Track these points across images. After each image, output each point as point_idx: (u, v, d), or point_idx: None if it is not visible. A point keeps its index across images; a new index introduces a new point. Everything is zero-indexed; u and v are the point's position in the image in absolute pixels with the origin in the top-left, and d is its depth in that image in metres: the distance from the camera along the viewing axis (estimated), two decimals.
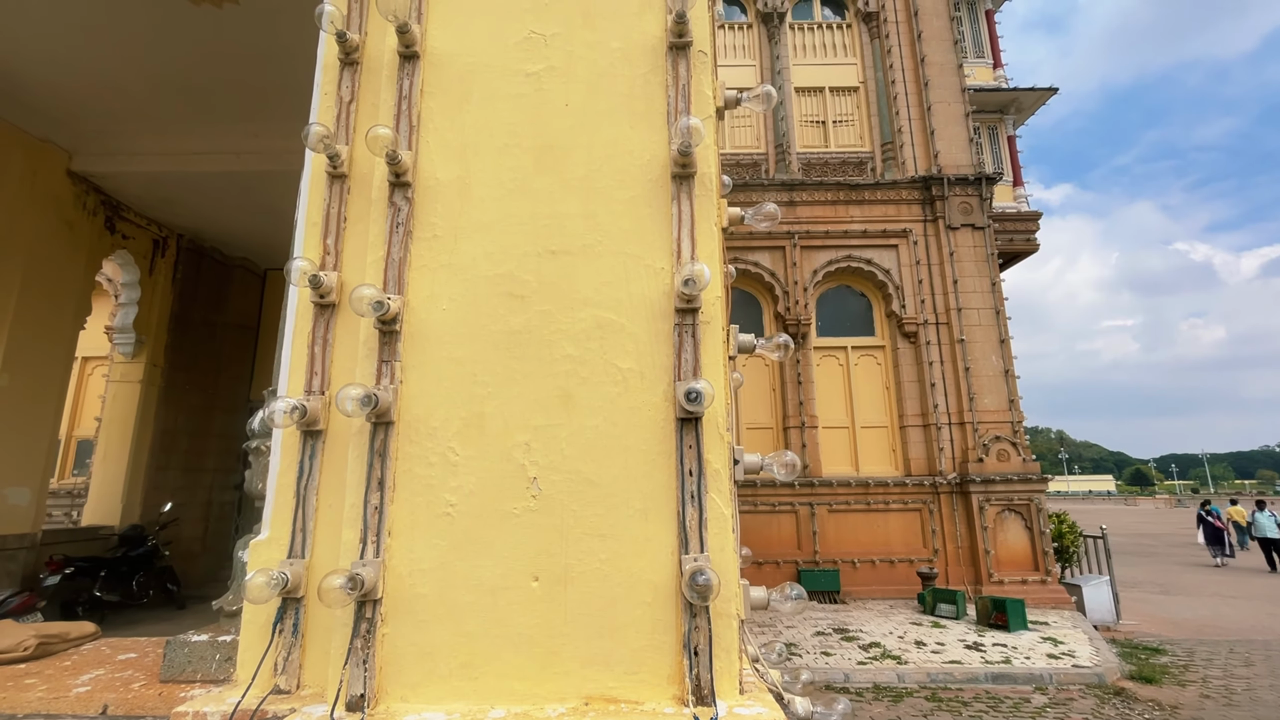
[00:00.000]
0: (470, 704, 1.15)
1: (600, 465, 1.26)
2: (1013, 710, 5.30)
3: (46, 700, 1.29)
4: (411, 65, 1.45)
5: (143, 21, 5.40)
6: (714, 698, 1.16)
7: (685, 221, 1.38)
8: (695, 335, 1.31)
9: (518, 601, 1.20)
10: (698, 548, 1.21)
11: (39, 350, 7.31)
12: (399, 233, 1.35)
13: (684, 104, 1.44)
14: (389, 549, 1.21)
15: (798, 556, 9.66)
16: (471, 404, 1.28)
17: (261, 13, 5.19)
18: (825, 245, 10.77)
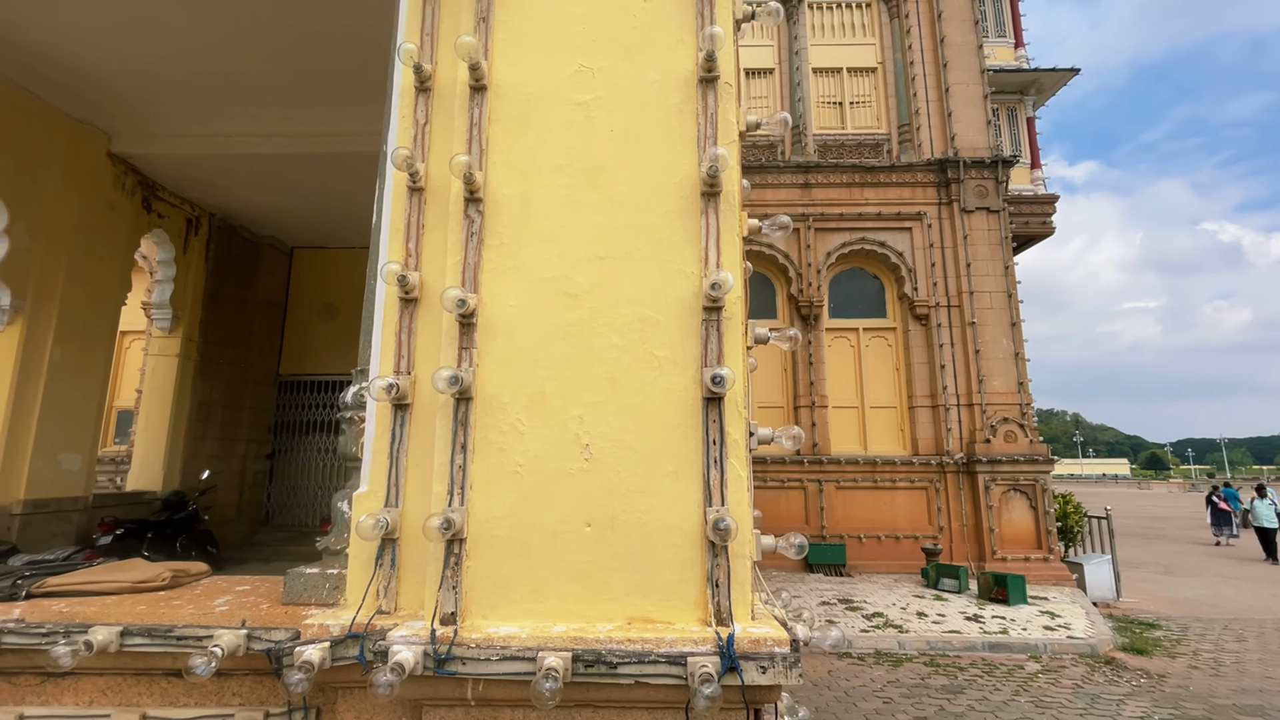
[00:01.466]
0: (538, 622, 1.44)
1: (640, 435, 1.54)
2: (1006, 676, 5.61)
3: (196, 616, 1.61)
4: (480, 96, 1.70)
5: (179, 8, 5.61)
6: (731, 620, 1.44)
7: (712, 233, 1.63)
8: (720, 329, 1.57)
9: (574, 543, 1.49)
10: (719, 501, 1.49)
11: (86, 325, 7.70)
12: (473, 241, 1.62)
13: (712, 130, 1.68)
14: (470, 499, 1.50)
15: (805, 531, 9.96)
16: (534, 384, 1.56)
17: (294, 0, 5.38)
18: (840, 228, 10.88)
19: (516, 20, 1.75)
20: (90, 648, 1.49)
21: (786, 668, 1.35)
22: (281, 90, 6.80)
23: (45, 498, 7.21)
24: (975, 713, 4.76)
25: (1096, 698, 5.12)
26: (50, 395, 7.29)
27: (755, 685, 1.35)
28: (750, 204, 10.87)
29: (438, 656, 1.34)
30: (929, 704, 4.90)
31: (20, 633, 1.55)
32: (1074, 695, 5.17)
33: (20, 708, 1.60)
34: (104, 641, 1.51)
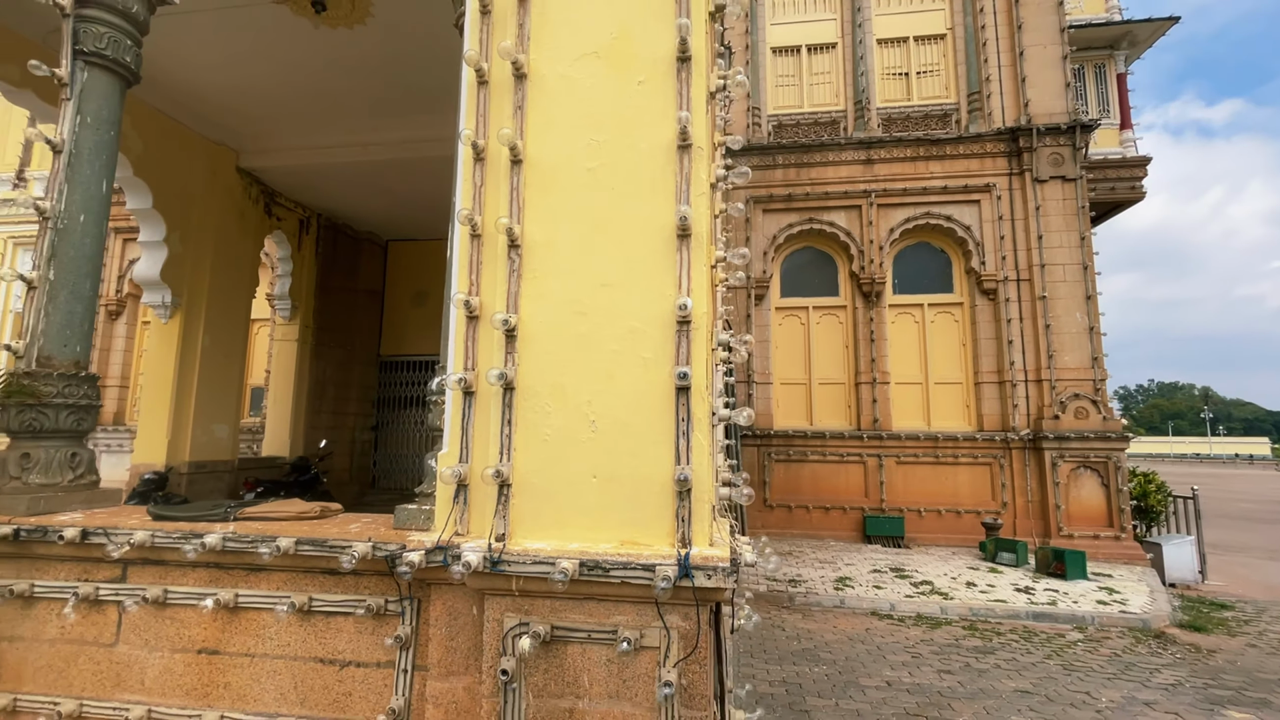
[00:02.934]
0: (559, 542, 2.10)
1: (631, 414, 2.14)
2: (1043, 642, 5.84)
3: (340, 534, 2.39)
4: (518, 168, 2.32)
5: (290, 45, 6.62)
6: (691, 544, 2.04)
7: (685, 265, 2.17)
8: (689, 337, 2.13)
9: (584, 489, 2.12)
10: (685, 462, 2.07)
11: (227, 316, 9.14)
12: (514, 276, 2.25)
13: (685, 187, 2.21)
14: (514, 458, 2.16)
15: (864, 504, 10.26)
16: (556, 378, 2.19)
17: (382, 30, 6.22)
18: (903, 203, 10.81)
19: (543, 107, 2.35)
20: (278, 550, 2.30)
21: (724, 576, 1.94)
22: (374, 106, 7.76)
23: (203, 460, 8.74)
24: (1000, 670, 5.10)
25: (1131, 665, 5.30)
26: (203, 375, 8.77)
27: (703, 587, 1.94)
28: (811, 183, 11.02)
29: (492, 560, 2.03)
30: (956, 661, 5.27)
31: (234, 539, 2.39)
32: (1108, 662, 5.37)
33: (235, 589, 2.45)
34: (286, 546, 2.32)
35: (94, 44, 3.08)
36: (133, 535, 2.42)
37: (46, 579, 2.58)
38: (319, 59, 6.87)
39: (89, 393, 2.98)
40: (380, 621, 2.36)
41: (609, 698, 2.02)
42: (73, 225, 2.98)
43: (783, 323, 11.27)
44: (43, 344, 2.88)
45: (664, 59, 2.29)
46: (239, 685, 2.42)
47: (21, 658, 2.57)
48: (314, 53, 6.76)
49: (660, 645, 2.00)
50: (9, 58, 6.60)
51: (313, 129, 8.69)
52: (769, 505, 10.47)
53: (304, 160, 9.21)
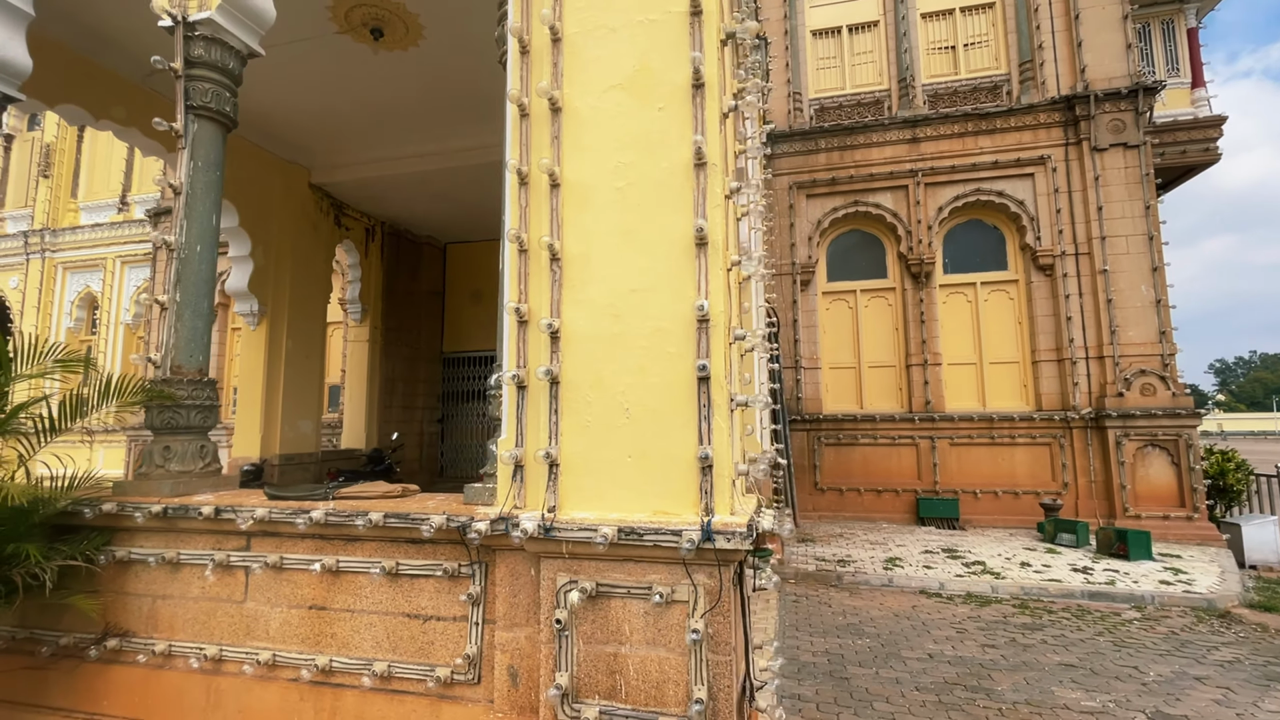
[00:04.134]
0: (601, 512, 2.45)
1: (660, 402, 2.46)
2: (1096, 621, 5.83)
3: (419, 509, 2.84)
4: (556, 190, 2.66)
5: (353, 69, 7.21)
6: (713, 513, 2.35)
7: (703, 270, 2.47)
8: (708, 335, 2.43)
9: (621, 467, 2.47)
10: (707, 443, 2.37)
11: (307, 321, 9.97)
12: (556, 285, 2.61)
13: (702, 200, 2.50)
14: (561, 442, 2.53)
15: (917, 486, 10.24)
16: (595, 373, 2.54)
17: (434, 50, 6.70)
18: (952, 180, 10.61)
19: (576, 136, 2.69)
20: (370, 522, 2.76)
21: (741, 539, 2.24)
22: (430, 119, 8.31)
23: (291, 453, 9.62)
24: (1046, 645, 5.17)
25: (1187, 643, 5.25)
26: (288, 376, 9.63)
27: (722, 549, 2.26)
28: (855, 165, 10.96)
29: (544, 527, 2.41)
30: (1001, 636, 5.37)
31: (335, 514, 2.87)
32: (1163, 639, 5.34)
33: (336, 556, 2.93)
34: (376, 519, 2.77)
35: (201, 99, 3.62)
36: (255, 511, 2.94)
37: (189, 549, 3.14)
38: (379, 80, 7.44)
39: (210, 395, 3.55)
40: (455, 582, 2.79)
41: (646, 644, 2.37)
42: (191, 255, 3.54)
43: (830, 307, 11.29)
44: (174, 355, 3.45)
45: (680, 87, 2.58)
46: (343, 635, 2.91)
47: (173, 612, 3.15)
48: (374, 75, 7.33)
49: (689, 600, 2.33)
50: (116, 100, 7.47)
51: (376, 144, 9.35)
52: (819, 488, 10.60)
53: (368, 173, 9.90)
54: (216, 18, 3.60)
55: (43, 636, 3.26)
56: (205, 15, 3.58)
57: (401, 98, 7.79)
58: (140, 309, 15.04)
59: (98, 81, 6.62)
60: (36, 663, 3.23)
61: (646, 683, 2.36)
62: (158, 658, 3.10)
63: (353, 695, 2.83)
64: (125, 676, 3.14)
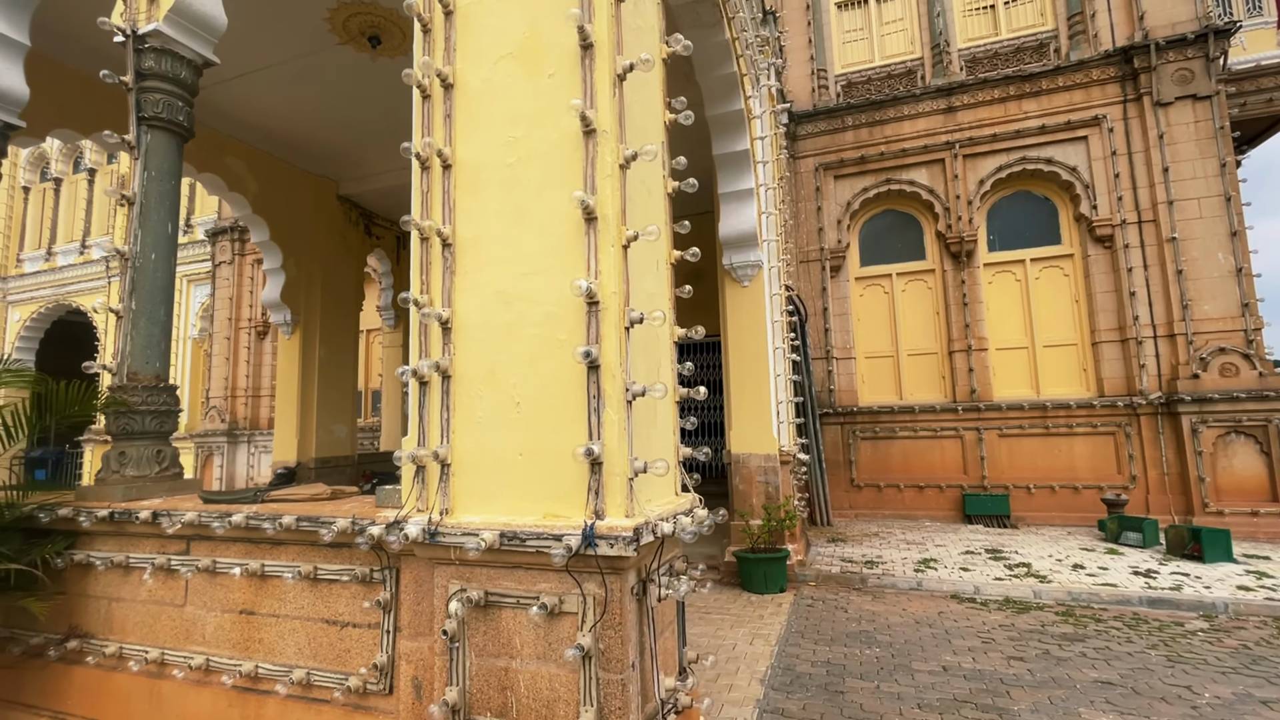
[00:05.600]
0: (490, 515, 2.27)
1: (552, 394, 2.25)
2: (1151, 631, 5.17)
3: (334, 512, 2.75)
4: (449, 172, 2.50)
5: (359, 79, 7.35)
6: (604, 516, 2.12)
7: (592, 248, 2.24)
8: (598, 319, 2.20)
9: (512, 466, 2.27)
10: (596, 438, 2.15)
11: (339, 329, 10.28)
12: (448, 272, 2.45)
13: (591, 171, 2.27)
14: (453, 440, 2.36)
15: (963, 481, 9.53)
16: (488, 365, 2.36)
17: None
18: (993, 150, 9.81)
19: (470, 112, 2.52)
20: (281, 525, 2.69)
21: (625, 544, 2.00)
22: None
23: (327, 456, 9.93)
24: (1084, 659, 4.60)
25: (1259, 659, 4.56)
26: (322, 382, 9.95)
27: (606, 555, 2.03)
28: (885, 141, 10.32)
29: (430, 532, 2.25)
30: (1033, 648, 4.83)
31: (254, 518, 2.81)
32: (1229, 655, 4.65)
33: (262, 560, 2.88)
34: (288, 523, 2.70)
35: (153, 110, 3.69)
36: (184, 515, 2.93)
37: (137, 552, 3.18)
38: (384, 87, 7.53)
39: (168, 400, 3.60)
40: (368, 588, 2.67)
41: (537, 659, 2.17)
42: (146, 264, 3.61)
43: (864, 293, 10.68)
44: (130, 363, 3.52)
45: (570, 50, 2.36)
46: (269, 640, 2.85)
47: (125, 615, 3.20)
48: (382, 83, 7.43)
49: (578, 611, 2.12)
50: (83, 107, 7.74)
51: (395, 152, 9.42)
52: (855, 485, 10.04)
53: (393, 181, 10.09)
54: (164, 29, 3.65)
55: (20, 636, 3.39)
56: (153, 27, 3.63)
57: (408, 103, 7.86)
58: (204, 324, 16.05)
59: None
60: (10, 660, 3.35)
61: (538, 701, 2.16)
62: (110, 659, 3.15)
63: (274, 703, 2.77)
64: (84, 677, 3.22)
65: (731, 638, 5.14)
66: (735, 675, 4.38)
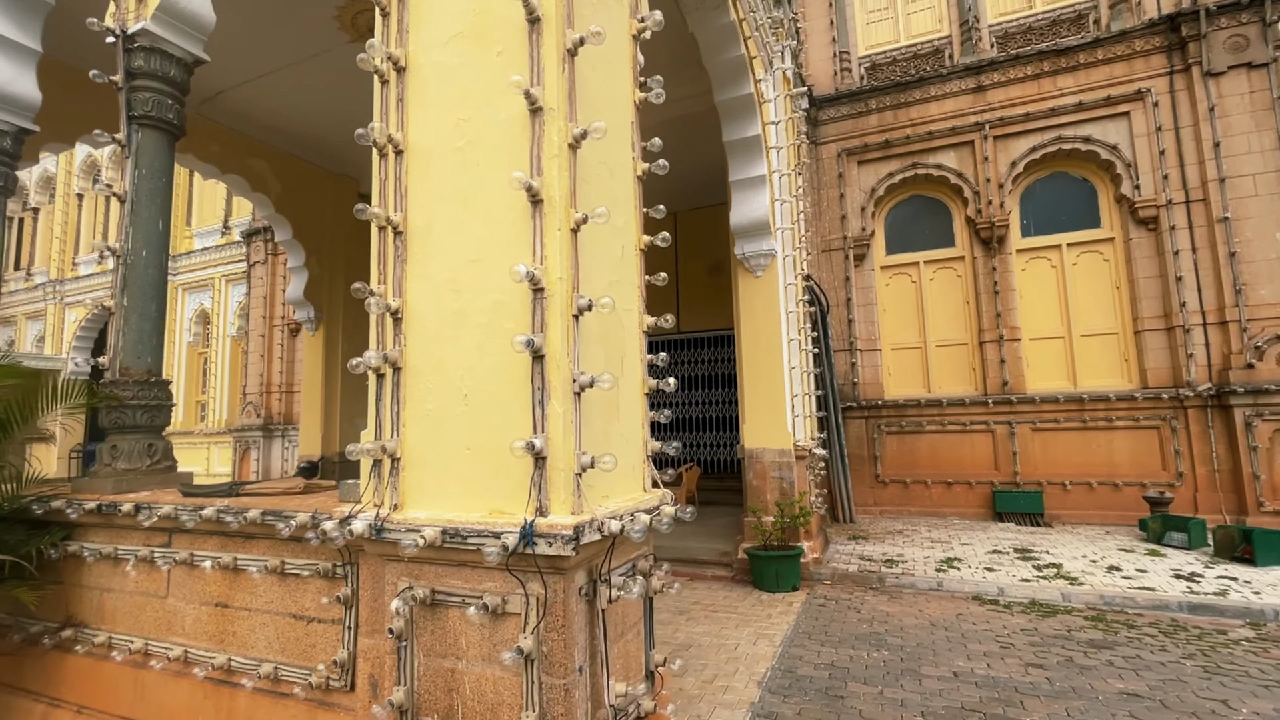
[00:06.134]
0: (439, 511, 2.19)
1: (498, 385, 2.16)
2: (1190, 640, 4.81)
3: (297, 506, 2.72)
4: (400, 158, 2.43)
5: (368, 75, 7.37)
6: (547, 513, 2.02)
7: (538, 232, 2.13)
8: (543, 306, 2.10)
9: (459, 460, 2.19)
10: (541, 431, 2.05)
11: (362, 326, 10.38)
12: (399, 262, 2.38)
13: (537, 151, 2.17)
14: (403, 433, 2.30)
15: (994, 477, 9.11)
16: (436, 356, 2.28)
17: None
18: (1026, 130, 9.31)
19: (420, 95, 2.44)
20: (246, 519, 2.68)
21: (564, 544, 1.90)
22: None
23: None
24: (1111, 668, 4.30)
25: None
26: (345, 378, 10.12)
27: (544, 555, 1.93)
28: (910, 124, 9.92)
29: (376, 528, 2.19)
30: (1055, 655, 4.54)
31: (225, 511, 2.82)
32: (1276, 667, 4.29)
33: (235, 554, 2.89)
34: (254, 517, 2.69)
35: (143, 109, 3.73)
36: (161, 508, 2.96)
37: (125, 544, 3.24)
38: None
39: (159, 395, 3.65)
40: (332, 583, 2.64)
41: (482, 660, 2.09)
42: (137, 260, 3.66)
43: (890, 282, 10.31)
44: (122, 358, 3.58)
45: (518, 25, 2.25)
46: (242, 634, 2.85)
47: (115, 605, 3.26)
48: None
49: (521, 612, 2.02)
50: None
51: None
52: (880, 480, 9.72)
53: None
54: (152, 27, 3.69)
55: (22, 624, 3.50)
56: (141, 26, 3.67)
57: None
58: (241, 322, 16.58)
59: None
60: (10, 647, 3.46)
61: (482, 705, 2.08)
62: (100, 649, 3.22)
63: (245, 696, 2.77)
64: (77, 665, 3.29)
65: (735, 637, 5.00)
66: (733, 677, 4.25)
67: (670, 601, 6.00)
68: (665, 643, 4.91)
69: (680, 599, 6.10)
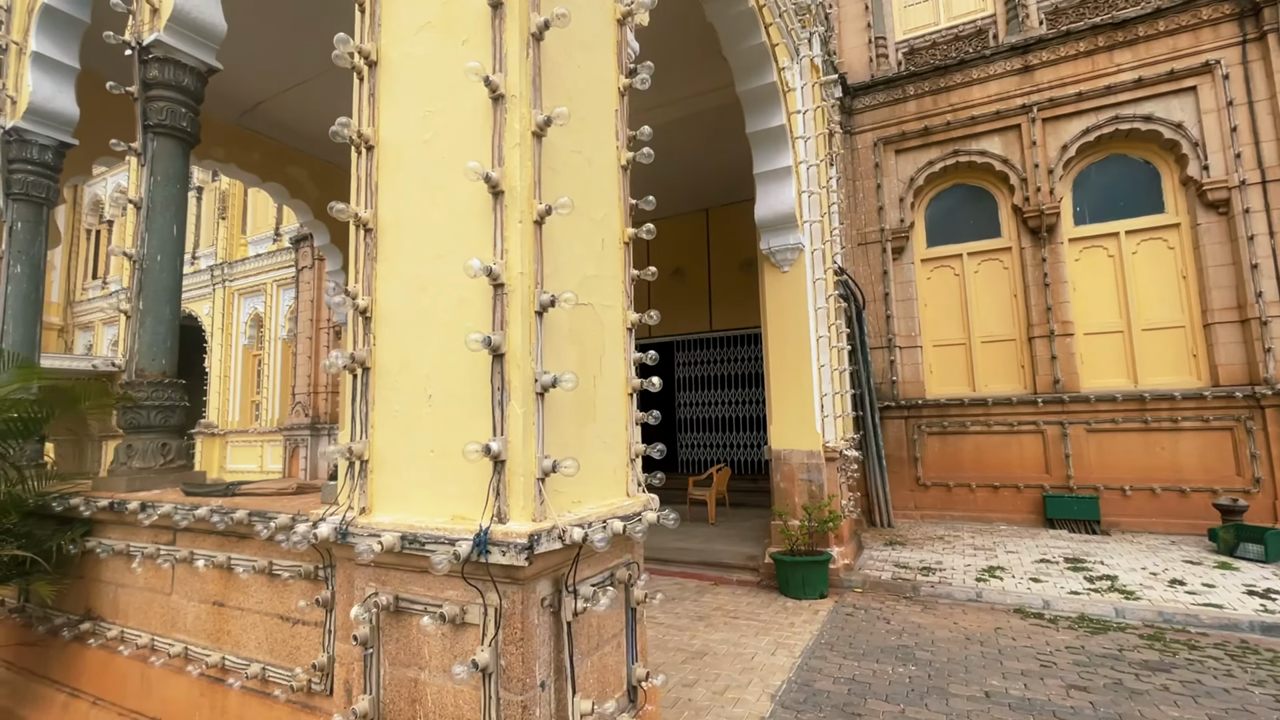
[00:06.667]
0: (402, 516, 2.13)
1: (461, 385, 2.07)
2: (1260, 664, 4.35)
3: (283, 507, 2.72)
4: (371, 154, 2.38)
5: None
6: (506, 520, 1.92)
7: (499, 224, 2.03)
8: (504, 302, 2.00)
9: (423, 463, 2.12)
10: (500, 433, 1.95)
11: None
12: (369, 260, 2.32)
13: (498, 140, 2.07)
14: (371, 435, 2.24)
15: (1045, 480, 8.57)
16: (403, 355, 2.21)
17: None
18: (1079, 110, 8.72)
19: (391, 88, 2.38)
20: (232, 520, 2.69)
21: (517, 553, 1.80)
22: None
23: None
24: (1166, 693, 3.92)
25: None
26: None
27: (497, 563, 1.83)
28: (951, 109, 9.44)
29: (342, 532, 2.14)
30: (1103, 677, 4.18)
31: (217, 511, 2.84)
32: None
33: (229, 553, 2.91)
34: (240, 518, 2.69)
35: (157, 118, 3.84)
36: (162, 507, 3.01)
37: (135, 541, 3.32)
38: None
39: (173, 396, 3.75)
40: (315, 585, 2.62)
41: (443, 672, 2.01)
42: (153, 265, 3.77)
43: (931, 276, 9.85)
44: (138, 360, 3.69)
45: (482, 11, 2.17)
46: (235, 633, 2.87)
47: (127, 600, 3.35)
48: None
49: (480, 623, 1.93)
50: (216, 141, 8.41)
51: None
52: (921, 483, 9.28)
53: None
54: (165, 38, 3.78)
55: (49, 615, 3.64)
56: (155, 37, 3.77)
57: None
58: (291, 325, 17.24)
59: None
60: (34, 637, 3.61)
61: (443, 717, 2.00)
62: (113, 642, 3.31)
63: (235, 695, 2.79)
64: (93, 657, 3.40)
65: (753, 646, 4.81)
66: (745, 689, 4.07)
67: (690, 606, 5.84)
68: (680, 650, 4.77)
69: (701, 604, 5.94)
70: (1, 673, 3.85)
